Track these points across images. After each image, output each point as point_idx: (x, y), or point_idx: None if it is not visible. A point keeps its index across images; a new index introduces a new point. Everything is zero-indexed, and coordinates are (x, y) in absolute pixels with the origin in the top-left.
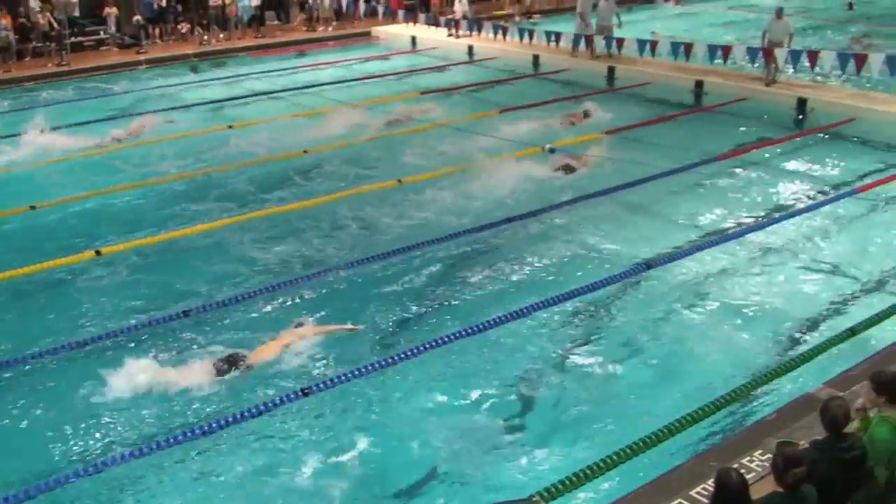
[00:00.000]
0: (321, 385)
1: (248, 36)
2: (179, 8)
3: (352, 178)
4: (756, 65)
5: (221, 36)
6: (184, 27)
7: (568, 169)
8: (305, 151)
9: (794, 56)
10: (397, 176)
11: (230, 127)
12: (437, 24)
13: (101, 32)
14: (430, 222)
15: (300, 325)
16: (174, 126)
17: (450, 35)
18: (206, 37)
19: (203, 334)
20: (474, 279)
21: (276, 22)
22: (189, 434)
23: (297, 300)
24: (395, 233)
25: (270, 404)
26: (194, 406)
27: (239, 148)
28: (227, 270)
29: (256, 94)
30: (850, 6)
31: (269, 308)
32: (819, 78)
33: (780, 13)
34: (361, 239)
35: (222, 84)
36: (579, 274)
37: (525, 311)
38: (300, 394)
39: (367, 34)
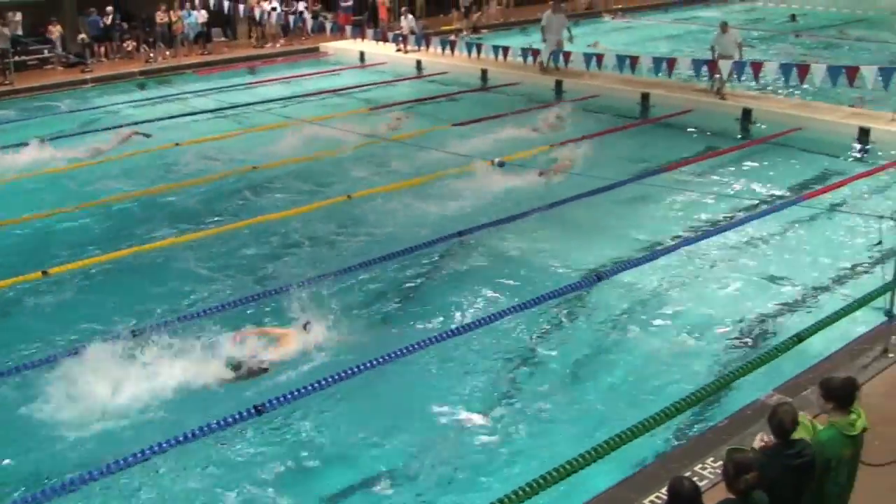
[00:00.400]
0: (274, 402)
1: (195, 53)
2: (125, 26)
3: (302, 195)
4: (702, 77)
5: (168, 53)
6: (129, 45)
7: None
8: (254, 168)
9: (739, 67)
10: (347, 191)
11: (177, 145)
12: (385, 40)
13: (46, 51)
14: (381, 237)
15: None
16: (121, 145)
17: (398, 50)
18: (152, 54)
19: (151, 353)
20: (426, 293)
21: (222, 39)
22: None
23: (247, 317)
24: (345, 248)
25: (223, 422)
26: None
27: (187, 166)
28: (176, 289)
29: (204, 112)
30: (793, 18)
31: (218, 326)
32: (769, 88)
33: (724, 27)
34: (312, 255)
35: (169, 101)
36: (529, 286)
37: (478, 322)
38: (254, 411)
39: (316, 50)
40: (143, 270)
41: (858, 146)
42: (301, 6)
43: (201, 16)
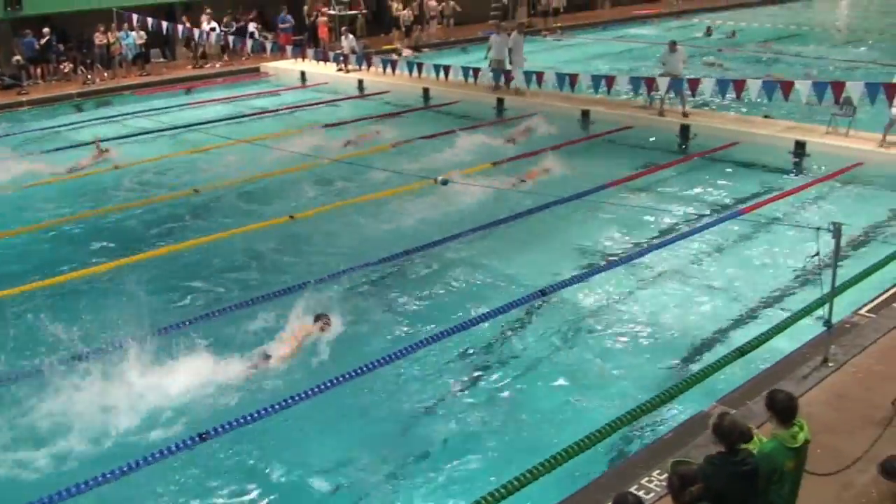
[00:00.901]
0: (219, 429)
1: (133, 74)
2: (61, 47)
3: (244, 216)
4: (640, 94)
5: (106, 74)
6: (66, 66)
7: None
8: (196, 190)
9: (678, 84)
10: (289, 212)
11: (116, 167)
12: (326, 60)
13: None
14: (324, 257)
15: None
16: (59, 167)
17: (339, 70)
18: (90, 76)
19: (93, 377)
20: (372, 312)
21: (161, 59)
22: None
23: (189, 341)
24: (289, 269)
25: (166, 451)
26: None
27: (127, 188)
28: (116, 314)
29: (144, 133)
30: (708, 31)
31: (158, 349)
32: (708, 103)
33: (673, 45)
34: (255, 277)
35: (108, 123)
36: (476, 303)
37: (425, 342)
38: (198, 439)
39: (256, 70)
40: (83, 294)
41: (794, 159)
42: (252, 27)
43: (139, 37)
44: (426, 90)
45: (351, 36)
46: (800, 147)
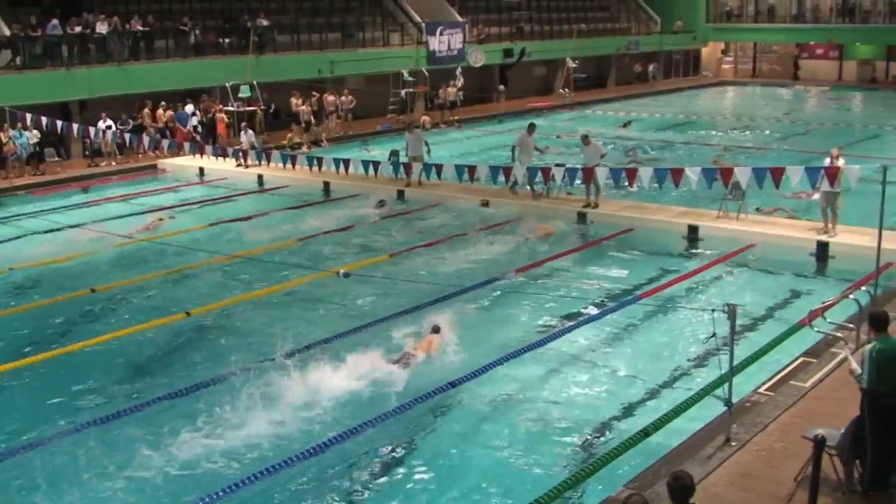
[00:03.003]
0: None
1: (27, 173)
2: None
3: (142, 314)
4: (535, 184)
5: None
6: None
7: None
8: (93, 290)
9: (571, 173)
10: (185, 308)
11: (11, 269)
12: (224, 155)
13: None
14: (222, 353)
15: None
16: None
17: (238, 165)
18: None
19: None
20: (277, 410)
21: (56, 158)
22: None
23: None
24: (189, 366)
25: None
26: None
27: (22, 289)
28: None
29: (38, 233)
30: (626, 124)
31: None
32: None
33: (586, 139)
34: (150, 374)
35: (1, 224)
36: (382, 397)
37: (330, 442)
38: None
39: (154, 167)
40: None
41: (688, 243)
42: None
43: (33, 135)
44: (327, 184)
45: (250, 131)
46: (693, 231)
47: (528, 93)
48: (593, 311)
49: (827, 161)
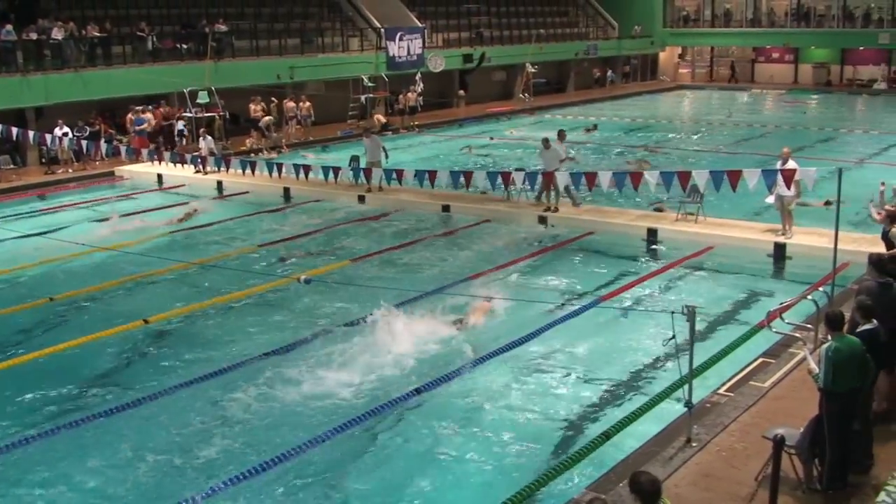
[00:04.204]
0: None
1: None
2: None
3: (99, 322)
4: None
5: None
6: None
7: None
8: (51, 299)
9: (531, 177)
10: (144, 316)
11: None
12: (182, 162)
13: None
14: (184, 361)
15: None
16: None
17: (197, 172)
18: None
19: None
20: (237, 417)
21: (11, 166)
22: None
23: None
24: (142, 373)
25: None
26: None
27: None
28: None
29: None
30: (594, 127)
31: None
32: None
33: (546, 143)
34: (110, 382)
35: None
36: (346, 402)
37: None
38: None
39: (111, 174)
40: None
41: (647, 246)
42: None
43: None
44: (287, 189)
45: (209, 137)
46: (652, 234)
47: (488, 98)
48: (554, 314)
49: (779, 163)
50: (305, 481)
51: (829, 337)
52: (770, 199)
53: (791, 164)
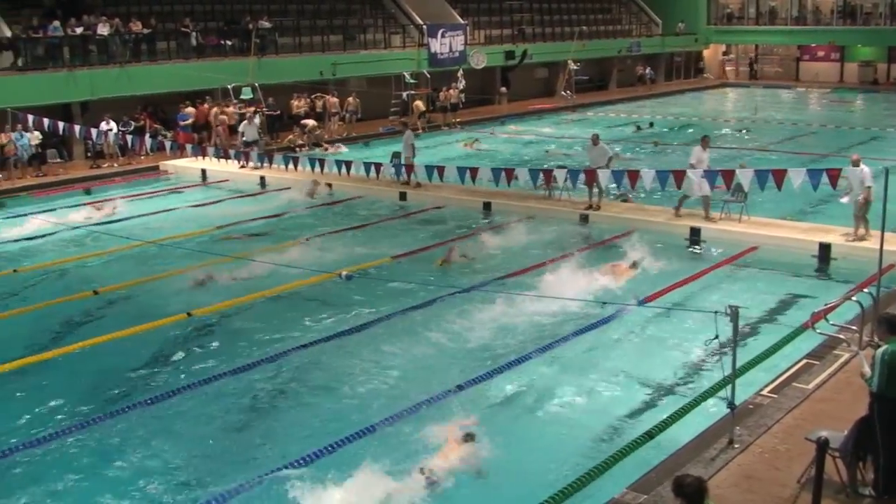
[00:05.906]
0: None
1: (29, 175)
2: None
3: (144, 315)
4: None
5: (0, 176)
6: None
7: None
8: (96, 292)
9: (573, 175)
10: (187, 309)
11: (15, 271)
12: (226, 157)
13: None
14: (227, 352)
15: None
16: None
17: (241, 167)
18: None
19: None
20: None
21: (58, 160)
22: None
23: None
24: (185, 366)
25: None
26: None
27: (26, 290)
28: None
29: (41, 235)
30: (647, 125)
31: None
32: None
33: (595, 139)
34: (154, 375)
35: (4, 226)
36: (380, 398)
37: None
38: None
39: (155, 169)
40: None
41: (690, 245)
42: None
43: (34, 137)
44: (329, 185)
45: (255, 120)
46: (695, 233)
47: (529, 95)
48: (598, 315)
49: (849, 166)
50: None
51: (882, 340)
52: (845, 200)
53: (864, 169)
